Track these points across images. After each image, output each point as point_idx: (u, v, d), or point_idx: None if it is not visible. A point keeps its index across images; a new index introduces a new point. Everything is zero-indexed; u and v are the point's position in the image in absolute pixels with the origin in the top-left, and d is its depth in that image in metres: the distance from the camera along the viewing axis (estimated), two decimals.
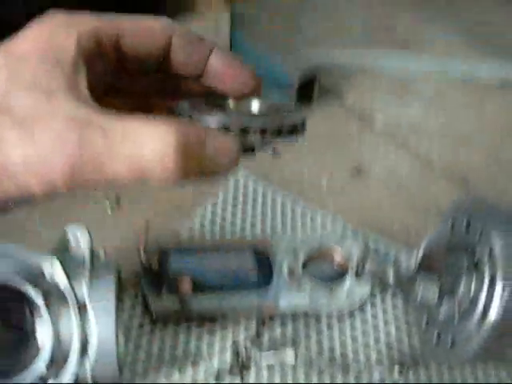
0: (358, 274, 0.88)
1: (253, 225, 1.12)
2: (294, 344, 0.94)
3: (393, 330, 0.98)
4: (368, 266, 0.86)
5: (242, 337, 0.94)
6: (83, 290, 0.67)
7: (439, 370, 0.94)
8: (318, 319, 0.97)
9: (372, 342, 0.96)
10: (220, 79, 0.36)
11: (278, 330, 0.96)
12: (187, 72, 0.36)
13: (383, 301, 1.01)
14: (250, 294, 0.93)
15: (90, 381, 0.71)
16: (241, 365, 0.88)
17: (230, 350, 0.91)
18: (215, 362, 0.91)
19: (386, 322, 0.99)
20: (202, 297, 0.92)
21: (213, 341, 0.93)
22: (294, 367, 0.91)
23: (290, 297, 0.94)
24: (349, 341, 0.96)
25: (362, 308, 0.99)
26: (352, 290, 0.98)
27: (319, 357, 0.94)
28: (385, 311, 1.00)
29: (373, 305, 1.01)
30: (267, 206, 1.13)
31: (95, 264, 0.73)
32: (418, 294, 0.85)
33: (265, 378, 0.90)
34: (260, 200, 1.14)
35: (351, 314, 0.98)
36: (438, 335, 0.88)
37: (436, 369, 0.94)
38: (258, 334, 0.93)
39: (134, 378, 0.87)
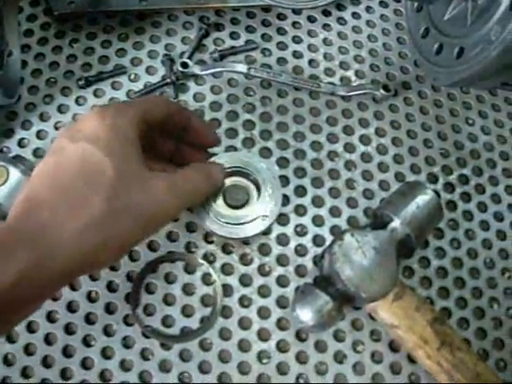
0: None
1: None
2: (248, 51, 0.77)
3: (378, 34, 0.81)
4: None
5: (178, 50, 0.77)
6: None
7: (435, 96, 0.78)
8: (279, 16, 0.81)
9: (351, 47, 0.80)
10: (196, 136, 0.58)
11: (226, 43, 0.78)
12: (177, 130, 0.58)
13: None
14: None
15: None
16: (176, 78, 0.73)
17: (163, 63, 0.75)
18: (142, 76, 0.75)
19: (369, 24, 0.82)
20: None
21: (139, 54, 0.77)
22: (248, 76, 0.74)
23: None
24: (320, 45, 0.80)
25: (340, 4, 0.82)
26: None
27: (281, 66, 0.76)
28: (369, 9, 0.82)
29: (354, 1, 0.83)
30: None
31: None
32: None
33: (207, 89, 0.74)
34: None
35: (326, 12, 0.82)
36: (441, 45, 0.69)
37: (431, 95, 0.78)
38: (200, 47, 0.76)
39: (37, 96, 0.73)
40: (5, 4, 0.68)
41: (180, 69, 0.72)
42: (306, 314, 0.57)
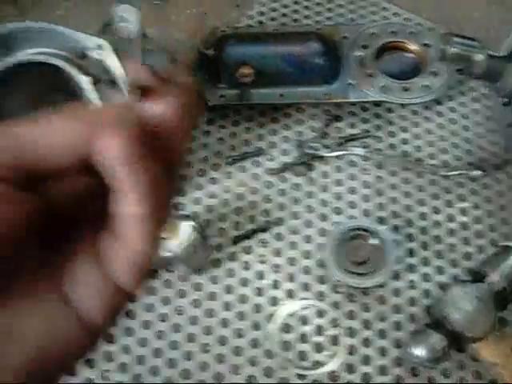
0: (441, 59, 0.80)
1: (318, 14, 1.06)
2: (364, 138, 0.91)
3: (471, 125, 0.94)
4: (452, 50, 0.76)
5: (306, 136, 0.92)
6: None
7: None
8: (389, 110, 0.96)
9: (449, 136, 0.93)
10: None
11: (346, 131, 0.93)
12: None
13: (462, 93, 0.98)
14: (316, 85, 0.88)
15: None
16: (306, 159, 0.87)
17: (295, 147, 0.89)
18: (278, 157, 0.90)
19: (464, 116, 0.96)
20: (263, 88, 0.86)
21: (274, 138, 0.93)
22: (364, 158, 0.88)
23: (359, 90, 0.88)
24: (423, 133, 0.94)
25: (438, 100, 0.96)
26: (429, 82, 0.92)
27: (391, 151, 0.90)
28: (463, 104, 0.97)
29: (450, 98, 0.97)
30: None
31: (146, 46, 0.66)
32: (508, 82, 0.76)
33: (332, 168, 0.89)
34: None
35: (426, 106, 0.96)
36: None
37: None
38: (324, 134, 0.89)
39: (191, 170, 0.89)
40: None
41: (309, 151, 0.89)
42: (420, 350, 0.70)
